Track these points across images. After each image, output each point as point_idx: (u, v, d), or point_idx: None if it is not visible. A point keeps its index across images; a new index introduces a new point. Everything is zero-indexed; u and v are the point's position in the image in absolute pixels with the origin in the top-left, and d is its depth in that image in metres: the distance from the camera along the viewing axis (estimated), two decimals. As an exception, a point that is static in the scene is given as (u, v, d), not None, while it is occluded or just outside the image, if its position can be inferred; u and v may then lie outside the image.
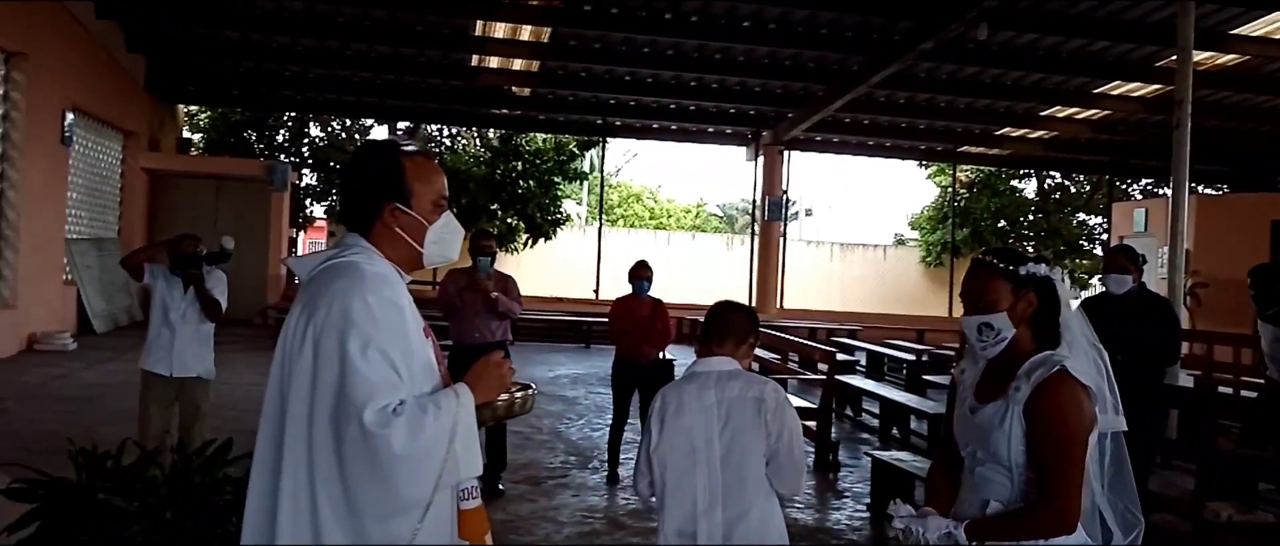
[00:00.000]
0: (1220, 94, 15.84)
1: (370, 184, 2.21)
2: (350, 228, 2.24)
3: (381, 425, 1.91)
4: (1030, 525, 2.30)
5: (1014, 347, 2.40)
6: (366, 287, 2.05)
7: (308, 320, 2.04)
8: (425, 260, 2.25)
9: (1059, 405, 2.28)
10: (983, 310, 2.41)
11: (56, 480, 3.62)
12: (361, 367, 1.95)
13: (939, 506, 2.52)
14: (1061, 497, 2.26)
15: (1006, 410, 2.32)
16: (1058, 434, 2.27)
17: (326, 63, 16.90)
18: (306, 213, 22.86)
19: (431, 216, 2.23)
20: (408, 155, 2.23)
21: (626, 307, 7.48)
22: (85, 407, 8.81)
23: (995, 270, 2.42)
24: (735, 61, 15.77)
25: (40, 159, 12.57)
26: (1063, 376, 2.30)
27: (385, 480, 1.93)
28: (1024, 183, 27.50)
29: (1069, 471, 2.26)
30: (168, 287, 5.87)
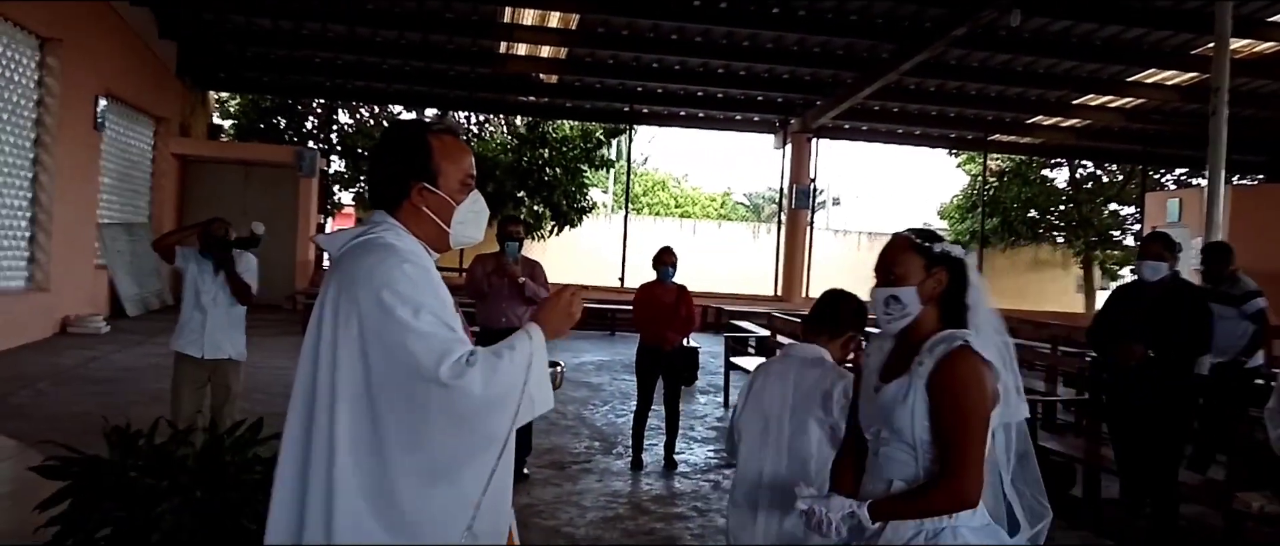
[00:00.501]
0: (1257, 83, 15.60)
1: (398, 163, 2.22)
2: (378, 207, 2.25)
3: (457, 376, 1.97)
4: (932, 500, 2.28)
5: (920, 327, 2.39)
6: (402, 258, 2.09)
7: (347, 298, 2.05)
8: (452, 240, 2.26)
9: (960, 378, 2.26)
10: (893, 283, 2.41)
11: (89, 458, 3.67)
12: (421, 330, 1.99)
13: (843, 489, 2.51)
14: (962, 472, 2.24)
15: (910, 386, 2.31)
16: (959, 407, 2.25)
17: (356, 49, 16.98)
18: (335, 199, 23.00)
19: (459, 196, 2.24)
20: (435, 135, 2.24)
21: (651, 294, 7.47)
22: (117, 389, 8.93)
23: (910, 245, 2.43)
24: (764, 48, 15.69)
25: (73, 144, 12.71)
26: (965, 351, 2.28)
27: (465, 425, 1.99)
28: (1055, 172, 27.23)
29: (970, 446, 2.24)
30: (199, 270, 5.93)
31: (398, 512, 2.00)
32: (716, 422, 9.27)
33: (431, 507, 2.01)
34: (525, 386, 2.05)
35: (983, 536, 2.30)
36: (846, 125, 20.36)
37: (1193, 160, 21.61)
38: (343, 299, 2.06)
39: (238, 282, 5.91)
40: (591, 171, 23.51)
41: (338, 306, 2.06)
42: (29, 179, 12.02)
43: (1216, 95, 8.90)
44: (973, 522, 2.29)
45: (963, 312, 2.39)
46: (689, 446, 8.08)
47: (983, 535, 2.30)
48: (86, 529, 3.48)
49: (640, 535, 5.64)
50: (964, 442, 2.25)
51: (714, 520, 5.97)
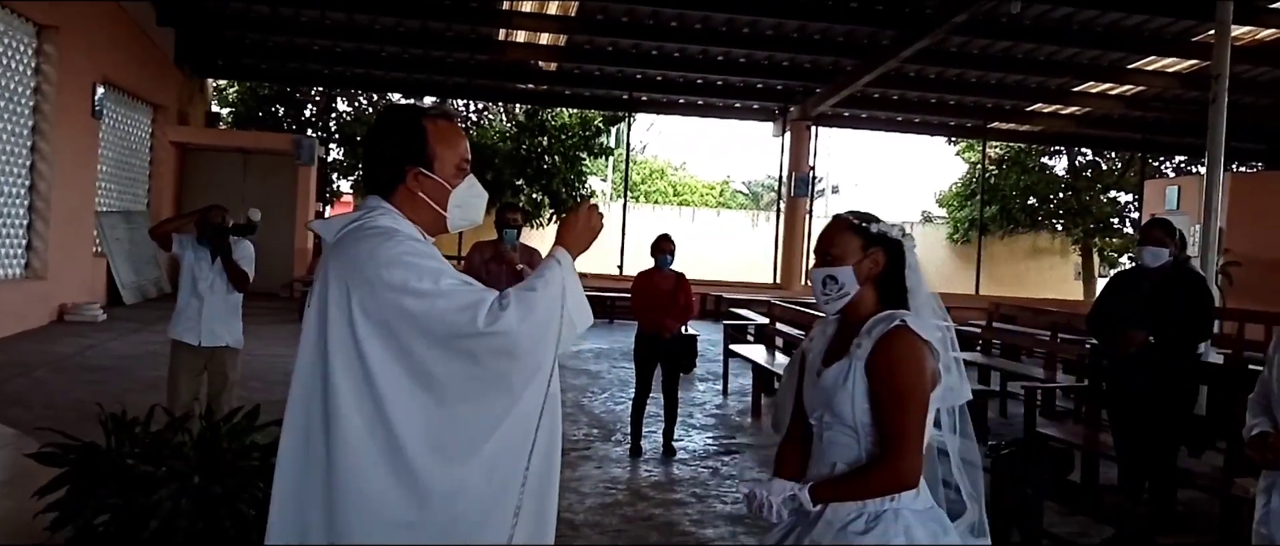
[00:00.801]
0: (1258, 70, 15.58)
1: (393, 148, 2.21)
2: (373, 192, 2.24)
3: (494, 321, 2.00)
4: (870, 482, 2.27)
5: (860, 309, 2.38)
6: (403, 236, 2.10)
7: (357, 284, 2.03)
8: (449, 224, 2.25)
9: (898, 358, 2.25)
10: (830, 263, 2.40)
11: (86, 445, 3.66)
12: (446, 292, 2.02)
13: (787, 472, 2.49)
14: (900, 453, 2.23)
15: (849, 368, 2.30)
16: (896, 387, 2.24)
17: (354, 36, 16.94)
18: (333, 187, 22.97)
19: (454, 180, 2.23)
20: (430, 119, 2.23)
21: (648, 281, 7.46)
22: (114, 377, 8.92)
23: (847, 225, 2.41)
24: (764, 35, 15.65)
25: (71, 132, 12.69)
26: (902, 330, 2.27)
27: (517, 360, 2.04)
28: (1054, 159, 27.20)
29: (907, 426, 2.23)
30: (196, 258, 5.91)
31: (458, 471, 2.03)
32: (715, 409, 9.28)
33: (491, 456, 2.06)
34: (563, 309, 2.10)
35: (924, 519, 2.28)
36: (846, 113, 20.31)
37: (1192, 148, 21.58)
38: (352, 285, 2.04)
39: (235, 270, 5.90)
40: (590, 159, 23.47)
41: (347, 294, 2.04)
42: (27, 167, 12.00)
43: (1216, 82, 8.85)
44: (915, 504, 2.28)
45: (902, 294, 2.38)
46: (687, 433, 8.08)
47: (924, 518, 2.29)
48: (84, 515, 3.48)
49: (639, 521, 5.64)
50: (901, 423, 2.24)
51: (713, 506, 5.97)
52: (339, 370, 2.02)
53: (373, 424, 2.01)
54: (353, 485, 2.01)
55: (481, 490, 2.06)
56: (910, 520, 2.26)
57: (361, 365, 2.01)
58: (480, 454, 2.05)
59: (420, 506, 2.02)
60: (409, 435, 2.02)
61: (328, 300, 2.06)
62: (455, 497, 2.04)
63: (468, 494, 2.05)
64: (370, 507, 2.02)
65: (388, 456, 2.01)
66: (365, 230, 2.12)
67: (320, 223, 2.26)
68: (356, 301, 2.03)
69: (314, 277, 2.21)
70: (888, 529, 2.24)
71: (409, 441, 2.01)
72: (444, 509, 2.03)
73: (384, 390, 2.01)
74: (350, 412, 2.01)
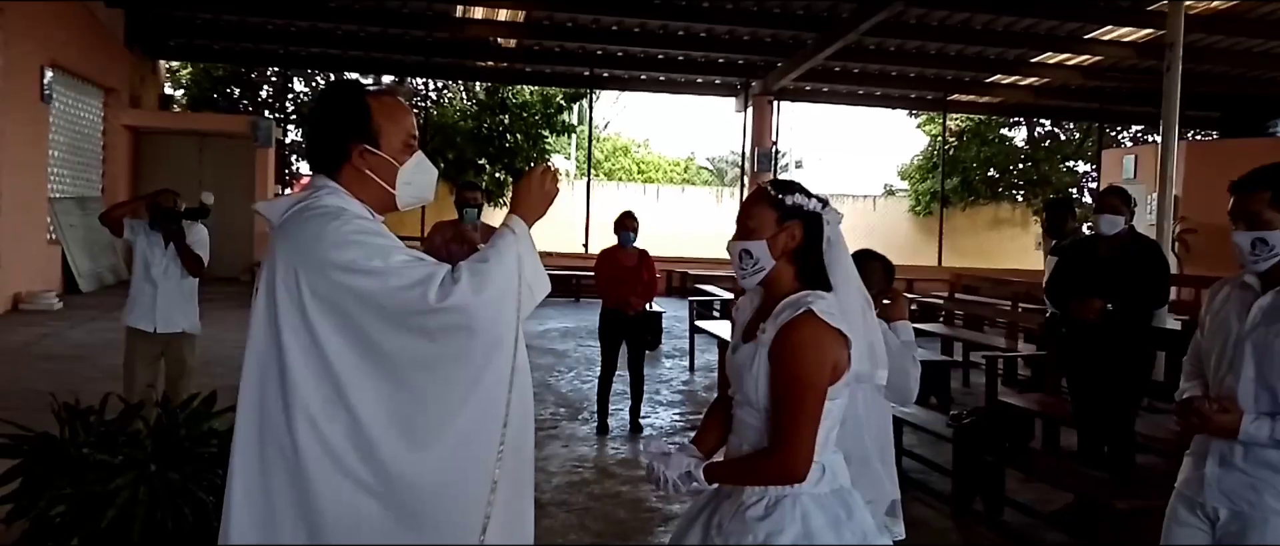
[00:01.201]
0: (1212, 38, 15.75)
1: (337, 125, 2.16)
2: (318, 170, 2.19)
3: (446, 297, 1.96)
4: (757, 470, 2.24)
5: (777, 286, 2.32)
6: (351, 215, 2.06)
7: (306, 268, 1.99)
8: (398, 201, 2.21)
9: (796, 346, 2.18)
10: (745, 236, 2.34)
11: (39, 435, 3.59)
12: (395, 270, 1.98)
13: (703, 443, 2.47)
14: (788, 445, 2.17)
15: (755, 352, 2.25)
16: (790, 378, 2.17)
17: (309, 15, 16.67)
18: (292, 169, 22.69)
19: (402, 156, 2.19)
20: (373, 95, 2.18)
21: (612, 258, 7.44)
22: (72, 366, 8.78)
23: (764, 197, 2.35)
24: (723, 9, 15.59)
25: (20, 117, 12.41)
26: (807, 317, 2.19)
27: (473, 335, 2.00)
28: (1014, 131, 27.44)
29: (798, 418, 2.17)
30: (148, 243, 5.81)
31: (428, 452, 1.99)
32: (681, 386, 9.29)
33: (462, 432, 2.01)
34: (520, 279, 2.07)
35: (824, 503, 2.23)
36: (807, 87, 20.34)
37: (1148, 117, 21.81)
38: (301, 269, 1.99)
39: (189, 255, 5.81)
40: (553, 137, 23.34)
41: (296, 277, 1.99)
42: (-26, 153, 11.73)
43: (1170, 51, 8.96)
44: (816, 488, 2.24)
45: (822, 270, 2.32)
46: (654, 410, 8.09)
47: (825, 502, 2.24)
48: (39, 507, 3.42)
49: (606, 498, 5.65)
50: (794, 414, 2.18)
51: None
52: (294, 354, 1.98)
53: (333, 408, 1.97)
54: (318, 472, 1.97)
55: (452, 469, 2.02)
56: (808, 505, 2.22)
57: (316, 348, 1.97)
58: (447, 432, 2.01)
59: (388, 489, 1.99)
60: (371, 418, 1.98)
61: (276, 284, 2.02)
62: (424, 477, 2.00)
63: (438, 473, 2.01)
64: (337, 494, 1.98)
65: (352, 440, 1.98)
66: (311, 210, 2.07)
67: (266, 204, 2.19)
68: (306, 284, 1.98)
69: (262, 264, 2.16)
70: (784, 515, 2.20)
71: (372, 424, 1.98)
72: (414, 489, 2.00)
73: (341, 372, 1.97)
74: (309, 396, 1.97)
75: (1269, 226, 2.64)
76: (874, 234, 27.52)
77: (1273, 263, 2.66)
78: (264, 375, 2.03)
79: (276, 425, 2.00)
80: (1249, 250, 2.67)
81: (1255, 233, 2.65)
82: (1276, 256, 2.65)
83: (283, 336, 1.99)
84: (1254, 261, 2.68)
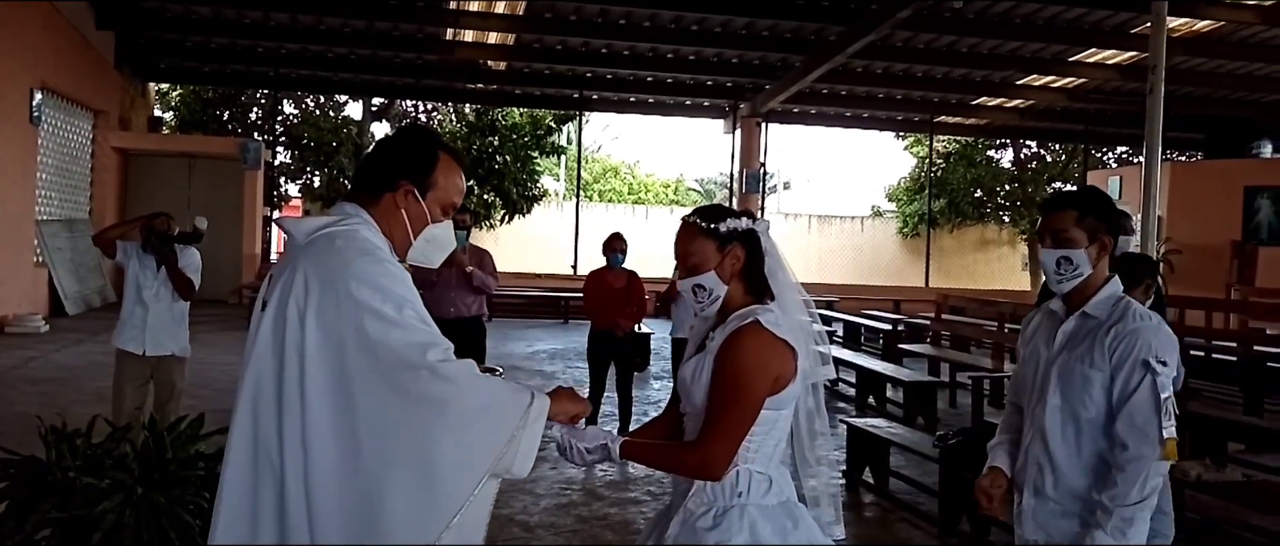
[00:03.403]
0: (1194, 60, 15.93)
1: (402, 158, 2.19)
2: (359, 192, 2.19)
3: (443, 364, 1.93)
4: (679, 458, 2.30)
5: (731, 303, 2.37)
6: (380, 254, 2.06)
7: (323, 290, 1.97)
8: (411, 253, 2.22)
9: (738, 351, 2.24)
10: (693, 272, 2.36)
11: (26, 459, 3.59)
12: (406, 324, 1.96)
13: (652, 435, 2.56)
14: (711, 441, 2.22)
15: (701, 362, 2.31)
16: (728, 377, 2.23)
17: (299, 37, 16.73)
18: (281, 191, 22.64)
19: (438, 216, 2.22)
20: (446, 151, 2.22)
21: (601, 280, 7.47)
22: (58, 389, 8.74)
23: (698, 230, 2.37)
24: (712, 32, 15.71)
25: (8, 139, 12.40)
26: (753, 327, 2.26)
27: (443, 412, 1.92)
28: (1000, 152, 27.62)
29: (727, 418, 2.22)
30: (140, 266, 5.82)
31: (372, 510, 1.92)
32: (670, 407, 9.29)
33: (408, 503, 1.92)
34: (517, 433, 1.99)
35: (771, 514, 2.27)
36: (795, 109, 20.47)
37: (1133, 138, 22.01)
38: (316, 289, 1.98)
39: (180, 278, 5.81)
40: (542, 158, 23.39)
41: (308, 296, 1.98)
42: (-38, 175, 11.71)
43: (1153, 73, 9.05)
44: (764, 500, 2.27)
45: (765, 283, 2.37)
46: (643, 431, 8.08)
47: (772, 513, 2.28)
48: (25, 531, 3.41)
49: (594, 520, 5.64)
50: (724, 414, 2.23)
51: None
52: (291, 372, 1.96)
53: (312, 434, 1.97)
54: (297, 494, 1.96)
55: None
56: (756, 516, 2.25)
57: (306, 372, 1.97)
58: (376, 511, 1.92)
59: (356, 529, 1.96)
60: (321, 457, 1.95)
61: (288, 299, 2.00)
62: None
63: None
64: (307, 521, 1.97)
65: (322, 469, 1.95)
66: (345, 238, 2.06)
67: (292, 221, 2.18)
68: (315, 308, 1.97)
69: (268, 278, 2.14)
70: (732, 525, 2.24)
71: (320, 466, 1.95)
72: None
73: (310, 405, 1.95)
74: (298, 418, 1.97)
75: (1073, 245, 2.62)
76: (862, 255, 27.67)
77: (1076, 282, 2.64)
78: (260, 389, 2.01)
79: (268, 440, 2.00)
80: (1054, 268, 2.65)
81: (1060, 251, 2.64)
82: (1080, 275, 2.63)
83: (285, 352, 1.98)
84: (1058, 280, 2.66)
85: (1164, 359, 2.53)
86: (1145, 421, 2.50)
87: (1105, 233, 2.65)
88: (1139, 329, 2.56)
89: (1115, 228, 2.70)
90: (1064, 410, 2.63)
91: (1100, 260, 2.65)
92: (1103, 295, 2.65)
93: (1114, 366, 2.56)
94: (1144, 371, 2.52)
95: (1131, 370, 2.53)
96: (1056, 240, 2.65)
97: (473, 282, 6.75)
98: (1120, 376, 2.55)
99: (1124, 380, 2.54)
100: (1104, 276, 2.68)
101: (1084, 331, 2.64)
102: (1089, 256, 2.63)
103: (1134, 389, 2.52)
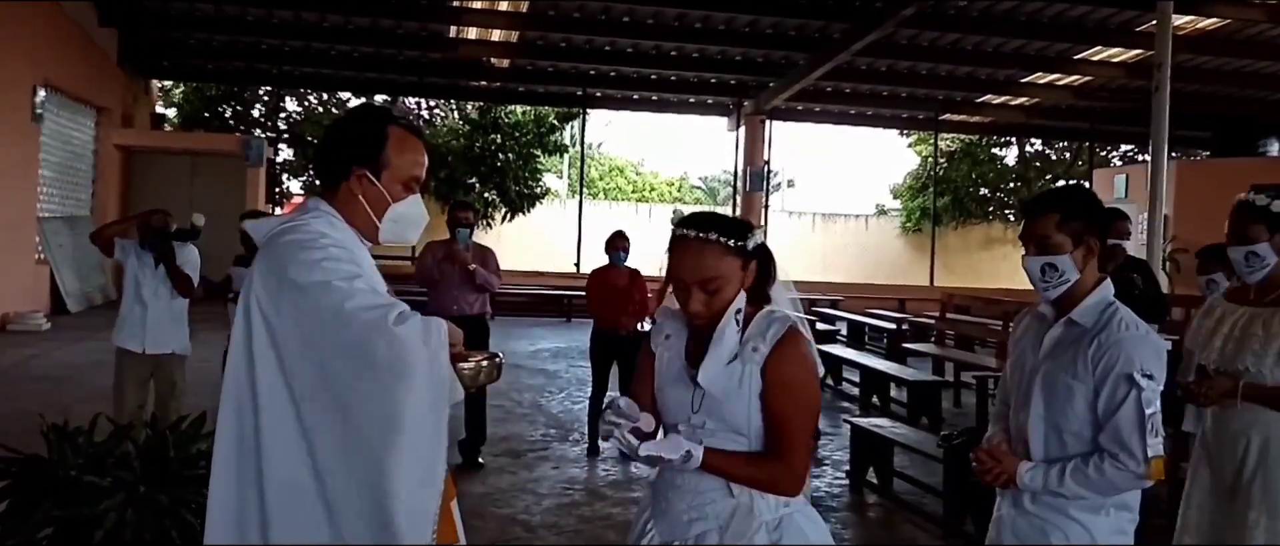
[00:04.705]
0: (1201, 58, 15.88)
1: (347, 144, 2.16)
2: (320, 183, 2.20)
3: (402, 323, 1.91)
4: (767, 475, 2.19)
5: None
6: (331, 242, 2.04)
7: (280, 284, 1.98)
8: (381, 235, 2.19)
9: (795, 360, 2.18)
10: (713, 291, 2.20)
11: (27, 457, 3.57)
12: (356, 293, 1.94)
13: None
14: (797, 456, 2.19)
15: (747, 373, 2.19)
16: (796, 388, 2.18)
17: (302, 35, 16.71)
18: (283, 188, 22.64)
19: (399, 194, 2.17)
20: (396, 125, 2.17)
21: (604, 279, 7.43)
22: (60, 387, 8.72)
23: (723, 248, 2.20)
24: (716, 30, 15.68)
25: (10, 136, 12.39)
26: (796, 334, 2.21)
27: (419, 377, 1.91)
28: (1005, 150, 27.56)
29: (802, 429, 2.21)
30: (139, 263, 5.80)
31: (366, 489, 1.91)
32: (673, 406, 9.27)
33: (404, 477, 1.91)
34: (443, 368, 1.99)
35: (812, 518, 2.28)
36: (799, 107, 20.43)
37: (1139, 137, 21.84)
38: (271, 288, 1.99)
39: (179, 275, 5.80)
40: (545, 156, 23.37)
41: (265, 294, 1.99)
42: (-36, 172, 11.70)
43: (1159, 71, 9.02)
44: (807, 511, 2.27)
45: (767, 294, 2.31)
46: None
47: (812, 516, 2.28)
48: (27, 530, 3.40)
49: (597, 520, 5.62)
50: (798, 426, 2.18)
51: (671, 503, 5.96)
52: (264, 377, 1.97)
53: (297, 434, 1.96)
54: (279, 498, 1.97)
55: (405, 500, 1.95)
56: (803, 520, 2.24)
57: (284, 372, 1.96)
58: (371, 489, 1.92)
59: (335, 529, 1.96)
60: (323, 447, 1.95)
61: (251, 304, 2.01)
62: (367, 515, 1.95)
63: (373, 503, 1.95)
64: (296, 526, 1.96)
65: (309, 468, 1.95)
66: (288, 234, 2.06)
67: (253, 223, 2.21)
68: (272, 305, 1.97)
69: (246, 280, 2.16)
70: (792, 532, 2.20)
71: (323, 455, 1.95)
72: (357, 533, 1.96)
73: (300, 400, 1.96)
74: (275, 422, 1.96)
75: (1058, 251, 2.50)
76: (866, 253, 27.59)
77: (1063, 289, 2.53)
78: (240, 397, 2.02)
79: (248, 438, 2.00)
80: (1039, 276, 2.54)
81: (1044, 258, 2.52)
82: (1067, 282, 2.51)
83: (254, 357, 1.99)
84: (1045, 288, 2.55)
85: (1150, 372, 2.41)
86: (1130, 438, 2.39)
87: (1092, 234, 2.53)
88: (1123, 340, 2.44)
89: (1104, 227, 2.61)
90: (1047, 420, 2.54)
91: (1088, 263, 2.53)
92: (1090, 302, 2.53)
93: (1098, 379, 2.45)
94: (1128, 386, 2.40)
95: (1116, 384, 2.42)
96: (1040, 246, 2.53)
97: (476, 281, 6.73)
98: (1105, 390, 2.44)
99: (1108, 394, 2.43)
100: (1094, 279, 2.56)
101: (1069, 339, 2.54)
102: (1075, 261, 2.51)
103: (1118, 404, 2.41)
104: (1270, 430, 3.17)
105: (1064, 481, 2.46)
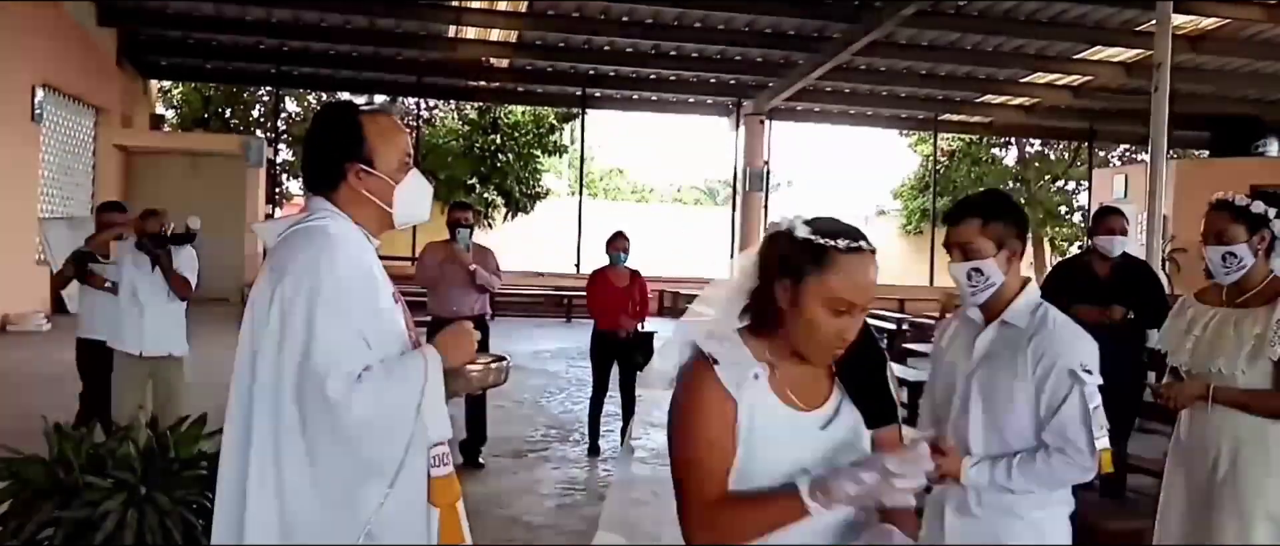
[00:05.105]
0: (1200, 58, 15.87)
1: (331, 146, 2.16)
2: (315, 192, 2.18)
3: (344, 393, 1.89)
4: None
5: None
6: (335, 253, 2.01)
7: (274, 287, 1.99)
8: (396, 220, 2.20)
9: None
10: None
11: (28, 458, 3.57)
12: (326, 336, 1.92)
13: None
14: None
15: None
16: None
17: (301, 35, 16.71)
18: (283, 189, 22.66)
19: (397, 175, 2.17)
20: (368, 114, 2.18)
21: (604, 280, 7.42)
22: (59, 388, 8.68)
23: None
24: (715, 29, 15.67)
25: (10, 137, 12.39)
26: None
27: (351, 447, 1.92)
28: (1004, 151, 27.57)
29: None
30: (135, 266, 5.79)
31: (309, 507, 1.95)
32: (674, 406, 9.26)
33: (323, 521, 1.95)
34: (418, 411, 1.97)
35: None
36: (799, 107, 20.42)
37: (1138, 136, 21.89)
38: (273, 290, 1.99)
39: (175, 277, 5.78)
40: (545, 157, 23.38)
41: (268, 297, 2.00)
42: (-36, 173, 11.70)
43: (1159, 70, 9.01)
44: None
45: None
46: (646, 431, 8.04)
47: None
48: (28, 530, 3.39)
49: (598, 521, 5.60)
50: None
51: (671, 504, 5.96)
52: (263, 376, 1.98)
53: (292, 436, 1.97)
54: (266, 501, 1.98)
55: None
56: None
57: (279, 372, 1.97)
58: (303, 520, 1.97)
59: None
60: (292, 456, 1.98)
61: (258, 303, 2.02)
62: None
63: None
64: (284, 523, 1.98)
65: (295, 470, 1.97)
66: (304, 235, 2.06)
67: (262, 226, 2.22)
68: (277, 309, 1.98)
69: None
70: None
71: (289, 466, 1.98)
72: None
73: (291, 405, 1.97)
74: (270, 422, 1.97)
75: (982, 256, 2.53)
76: (865, 253, 27.60)
77: (990, 292, 2.55)
78: (242, 390, 2.03)
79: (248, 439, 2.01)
80: (966, 282, 2.56)
81: (969, 263, 2.55)
82: (993, 286, 2.53)
83: (257, 357, 2.00)
84: (972, 292, 2.57)
85: (1089, 367, 2.44)
86: (1076, 434, 2.42)
87: (1014, 237, 2.56)
88: (1061, 338, 2.47)
89: (1023, 230, 2.62)
90: (987, 423, 2.54)
91: (1012, 266, 2.56)
92: (1020, 304, 2.55)
93: (1038, 377, 2.46)
94: (1071, 381, 2.42)
95: (1058, 381, 2.43)
96: (964, 252, 2.56)
97: (476, 281, 6.72)
98: (1047, 387, 2.45)
99: (1051, 391, 2.44)
100: (1019, 281, 2.58)
101: (1004, 341, 2.55)
102: (999, 264, 2.53)
103: (1062, 400, 2.43)
104: (1240, 433, 3.15)
105: (1012, 476, 2.47)
